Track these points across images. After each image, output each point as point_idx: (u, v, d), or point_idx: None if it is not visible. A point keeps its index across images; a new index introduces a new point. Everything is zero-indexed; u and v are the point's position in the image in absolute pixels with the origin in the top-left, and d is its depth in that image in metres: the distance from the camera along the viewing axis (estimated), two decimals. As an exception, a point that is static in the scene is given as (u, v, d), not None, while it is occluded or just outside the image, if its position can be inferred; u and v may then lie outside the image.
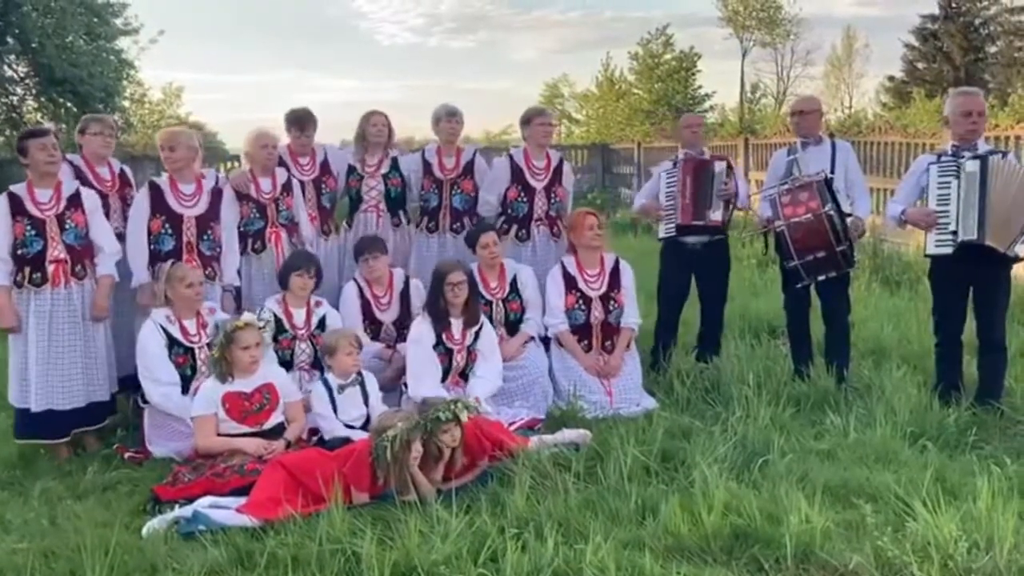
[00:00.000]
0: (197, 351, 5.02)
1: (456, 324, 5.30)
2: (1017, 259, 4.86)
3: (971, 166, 4.87)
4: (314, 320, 5.40)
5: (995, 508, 3.51)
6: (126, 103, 21.78)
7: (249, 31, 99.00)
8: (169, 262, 5.17)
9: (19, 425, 5.03)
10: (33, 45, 16.91)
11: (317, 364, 5.40)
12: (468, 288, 5.27)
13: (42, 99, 18.43)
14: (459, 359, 5.32)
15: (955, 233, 4.90)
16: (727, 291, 6.31)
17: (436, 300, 5.26)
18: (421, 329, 5.27)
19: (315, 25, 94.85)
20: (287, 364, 5.28)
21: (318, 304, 5.46)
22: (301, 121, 6.04)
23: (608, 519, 3.78)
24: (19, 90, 18.75)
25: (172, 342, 4.99)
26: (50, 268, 4.91)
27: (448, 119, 6.22)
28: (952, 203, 4.91)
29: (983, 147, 5.08)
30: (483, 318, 5.45)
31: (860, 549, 3.39)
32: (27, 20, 16.61)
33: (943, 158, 5.05)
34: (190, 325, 5.04)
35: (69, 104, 17.86)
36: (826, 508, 3.69)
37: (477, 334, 5.37)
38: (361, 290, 5.68)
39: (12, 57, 17.86)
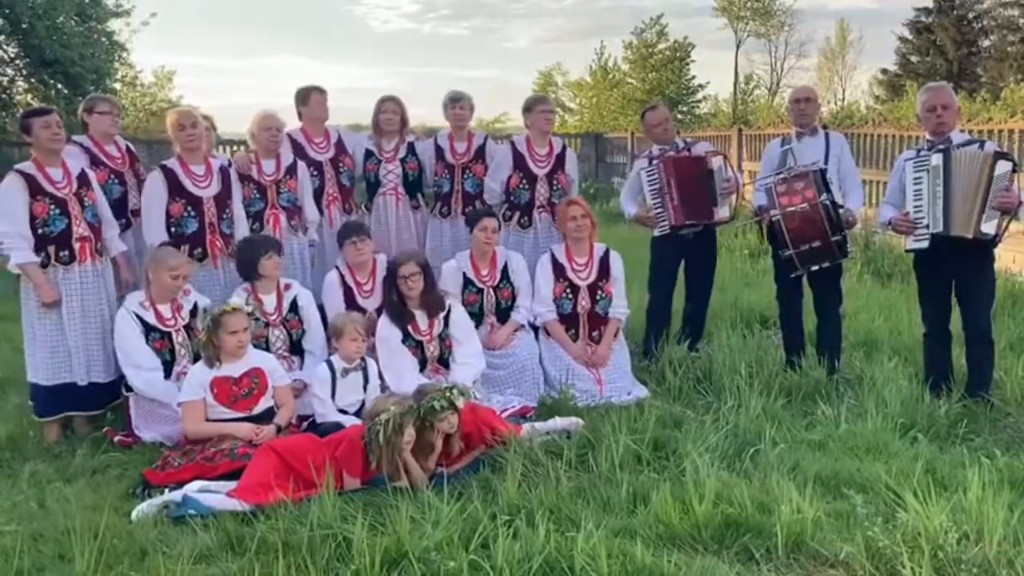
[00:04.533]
0: (174, 335, 5.02)
1: (419, 315, 5.27)
2: (987, 240, 4.85)
3: (936, 160, 4.92)
4: (285, 304, 5.33)
5: (985, 500, 3.52)
6: (117, 85, 21.60)
7: (242, 15, 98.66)
8: (157, 243, 5.17)
9: (48, 403, 5.00)
10: (23, 25, 16.73)
11: (294, 350, 5.35)
12: (423, 279, 5.23)
13: (32, 80, 18.25)
14: (431, 349, 5.29)
15: (928, 227, 4.93)
16: (714, 279, 6.37)
17: (390, 295, 5.24)
18: (386, 326, 5.24)
19: (308, 9, 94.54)
20: (263, 353, 5.22)
21: (287, 287, 5.38)
22: (319, 89, 6.15)
23: (599, 507, 3.79)
24: (9, 71, 18.58)
25: (148, 328, 4.97)
26: (77, 246, 4.94)
27: (453, 105, 6.26)
28: (924, 198, 4.94)
29: (957, 139, 5.10)
30: (451, 302, 5.41)
31: (851, 539, 3.41)
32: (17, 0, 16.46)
33: (920, 153, 5.09)
34: (164, 309, 5.03)
35: (60, 86, 17.71)
36: (817, 498, 3.70)
37: (447, 320, 5.35)
38: (343, 277, 5.62)
39: (2, 38, 17.69)
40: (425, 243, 6.32)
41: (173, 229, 5.27)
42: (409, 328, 5.24)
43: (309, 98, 6.11)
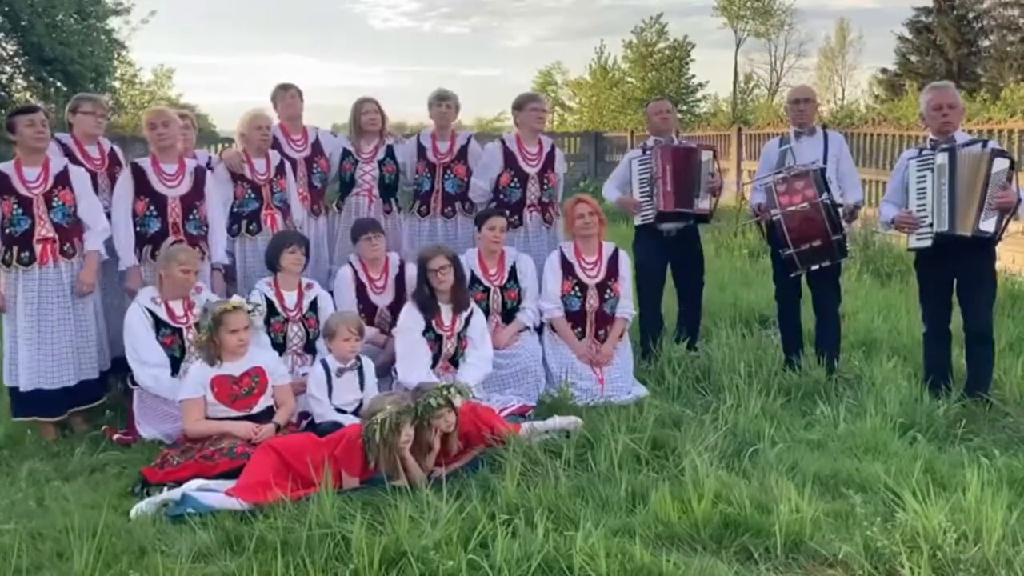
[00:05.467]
0: (185, 331, 5.00)
1: (445, 310, 5.27)
2: (987, 238, 4.86)
3: (941, 159, 4.92)
4: (305, 303, 5.36)
5: (984, 499, 3.51)
6: (116, 83, 21.64)
7: (241, 13, 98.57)
8: (169, 240, 5.17)
9: (14, 404, 5.00)
10: (23, 23, 16.75)
11: (310, 347, 5.37)
12: (453, 273, 5.24)
13: (31, 78, 18.28)
14: (449, 345, 5.30)
15: (932, 226, 4.93)
16: (704, 277, 6.39)
17: (422, 287, 5.24)
18: (410, 316, 5.24)
19: (308, 8, 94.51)
20: (280, 347, 5.24)
21: (309, 286, 5.43)
22: (284, 86, 6.13)
23: (598, 506, 3.78)
24: (8, 68, 18.58)
25: (159, 323, 4.96)
26: (38, 247, 4.89)
27: (438, 104, 6.23)
28: (928, 197, 4.94)
29: (961, 138, 5.10)
30: (473, 304, 5.43)
31: (849, 539, 3.41)
32: (17, -2, 16.46)
33: (923, 152, 5.09)
34: (176, 306, 5.01)
35: (59, 84, 17.73)
36: (816, 498, 3.69)
37: (467, 320, 5.35)
38: (356, 273, 5.65)
39: (1, 35, 17.69)
40: (402, 243, 6.27)
41: (137, 228, 5.22)
42: (433, 321, 5.24)
43: (276, 97, 6.12)
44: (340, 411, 4.82)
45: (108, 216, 5.28)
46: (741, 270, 9.17)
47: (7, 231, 4.87)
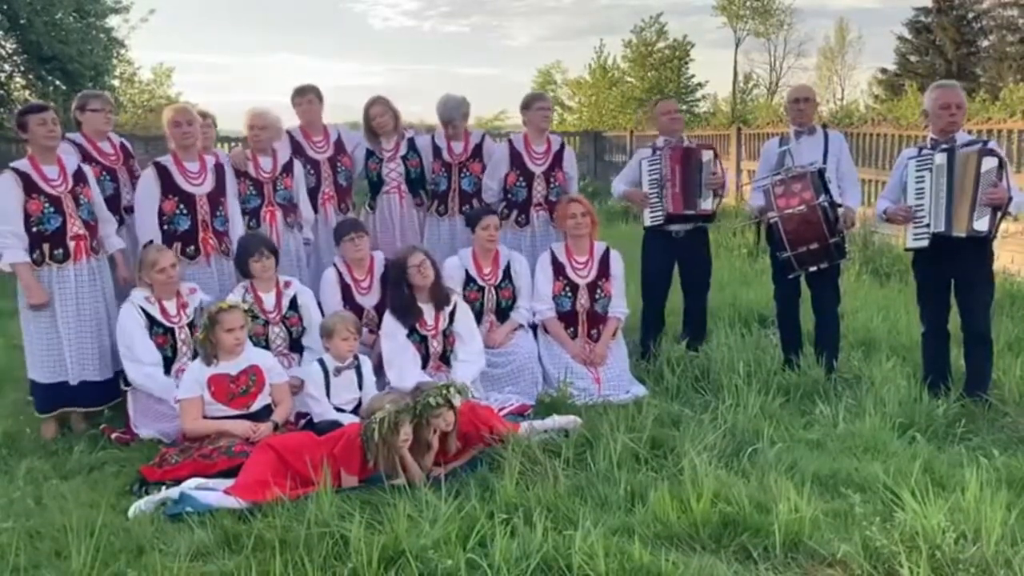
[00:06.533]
0: (177, 331, 5.01)
1: (427, 309, 5.26)
2: (982, 237, 4.86)
3: (940, 159, 4.92)
4: (285, 302, 5.33)
5: (983, 499, 3.52)
6: (115, 82, 21.57)
7: (241, 12, 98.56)
8: (141, 246, 5.17)
9: (45, 399, 4.99)
10: (21, 21, 16.69)
11: (295, 347, 5.35)
12: (433, 267, 5.22)
13: (30, 76, 18.22)
14: (435, 345, 5.28)
15: (929, 226, 4.93)
16: (710, 279, 6.36)
17: (400, 290, 5.21)
18: (392, 321, 5.22)
19: (308, 7, 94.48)
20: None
21: (287, 284, 5.40)
22: (300, 91, 6.15)
23: (597, 506, 3.78)
24: (7, 67, 18.54)
25: (152, 322, 4.97)
26: (71, 244, 4.92)
27: (450, 118, 6.20)
28: (926, 196, 4.94)
29: (962, 139, 5.09)
30: (456, 298, 5.41)
31: (848, 539, 3.40)
32: (15, -4, 16.42)
33: (923, 151, 5.08)
34: (170, 306, 5.03)
35: (58, 82, 17.68)
36: (815, 497, 3.70)
37: (452, 317, 5.34)
38: (341, 275, 5.62)
39: (0, 34, 17.66)
40: (423, 242, 6.27)
41: (166, 227, 5.26)
42: (416, 324, 5.22)
43: (293, 102, 6.16)
44: (339, 410, 4.82)
45: (128, 210, 5.38)
46: (740, 270, 9.17)
47: (35, 229, 4.86)
